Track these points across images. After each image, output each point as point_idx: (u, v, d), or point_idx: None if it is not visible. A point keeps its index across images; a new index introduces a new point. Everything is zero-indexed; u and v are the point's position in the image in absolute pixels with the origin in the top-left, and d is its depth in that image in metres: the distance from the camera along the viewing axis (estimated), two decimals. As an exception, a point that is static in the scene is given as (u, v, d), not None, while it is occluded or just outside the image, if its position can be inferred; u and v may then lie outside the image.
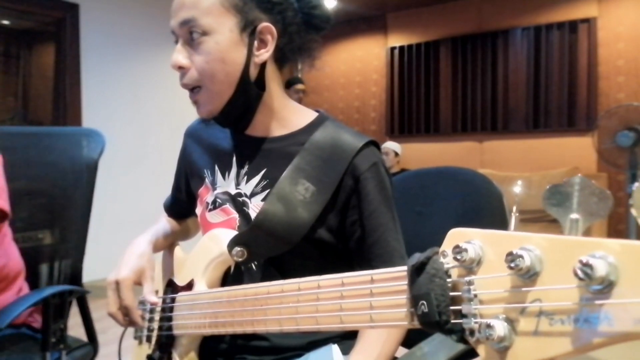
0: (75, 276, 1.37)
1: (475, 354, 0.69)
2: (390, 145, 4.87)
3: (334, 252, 0.85)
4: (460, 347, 0.59)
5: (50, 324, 1.17)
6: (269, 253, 0.82)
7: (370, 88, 5.76)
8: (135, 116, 3.94)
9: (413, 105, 5.45)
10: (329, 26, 0.88)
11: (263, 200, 0.83)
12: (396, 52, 5.52)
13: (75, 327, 1.32)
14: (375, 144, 0.86)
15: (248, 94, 0.83)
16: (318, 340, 0.85)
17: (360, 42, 5.73)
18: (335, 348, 0.74)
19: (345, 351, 0.78)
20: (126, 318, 0.86)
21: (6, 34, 4.82)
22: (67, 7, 3.57)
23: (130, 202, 3.78)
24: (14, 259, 1.24)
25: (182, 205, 1.07)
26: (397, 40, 5.53)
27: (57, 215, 1.32)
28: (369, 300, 0.51)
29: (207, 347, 0.88)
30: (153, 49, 4.05)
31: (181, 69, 0.82)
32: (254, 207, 0.84)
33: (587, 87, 4.48)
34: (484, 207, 1.02)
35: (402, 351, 0.99)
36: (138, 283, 0.87)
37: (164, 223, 1.06)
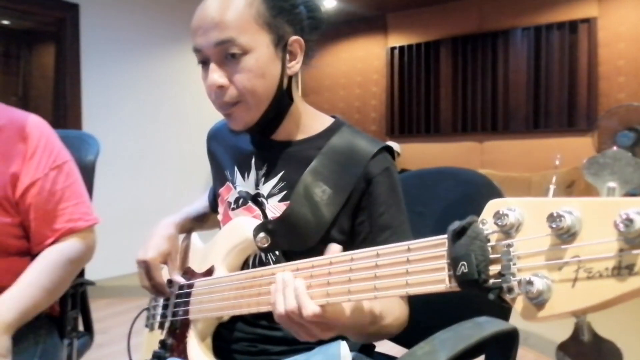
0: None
1: (478, 353, 0.69)
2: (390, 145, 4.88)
3: None
4: (462, 346, 0.59)
5: (68, 312, 1.24)
6: (288, 247, 0.85)
7: (370, 88, 5.76)
8: (136, 116, 3.94)
9: (413, 105, 5.45)
10: (325, 26, 0.92)
11: (280, 201, 0.87)
12: (396, 52, 5.53)
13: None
14: (389, 150, 0.90)
15: (281, 104, 0.87)
16: None
17: (361, 42, 5.73)
18: (343, 344, 0.75)
19: (351, 349, 0.78)
20: (159, 293, 0.95)
21: (6, 34, 4.82)
22: (67, 7, 3.56)
23: (130, 203, 3.78)
24: None
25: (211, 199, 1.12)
26: (397, 40, 5.53)
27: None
28: (405, 267, 0.52)
29: (221, 336, 0.91)
30: (153, 49, 4.05)
31: (220, 88, 0.82)
32: (271, 208, 0.88)
33: (588, 87, 4.48)
34: (484, 207, 1.01)
35: (402, 351, 0.99)
36: (164, 263, 0.95)
37: (199, 205, 1.11)
